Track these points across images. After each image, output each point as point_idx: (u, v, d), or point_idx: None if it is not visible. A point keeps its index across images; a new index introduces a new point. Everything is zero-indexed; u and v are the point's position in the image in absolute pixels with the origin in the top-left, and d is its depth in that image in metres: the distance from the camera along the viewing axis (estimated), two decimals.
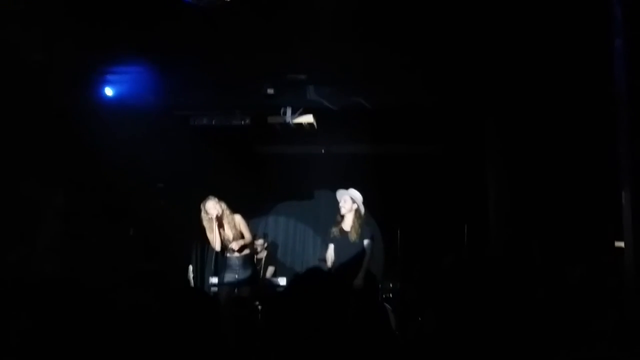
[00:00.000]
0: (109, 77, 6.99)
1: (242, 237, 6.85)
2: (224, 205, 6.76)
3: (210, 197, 6.75)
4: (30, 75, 6.12)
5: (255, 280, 7.02)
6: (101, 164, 6.93)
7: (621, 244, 2.37)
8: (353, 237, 6.46)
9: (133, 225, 7.72)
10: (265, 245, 8.54)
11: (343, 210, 6.56)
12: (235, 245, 6.71)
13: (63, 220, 6.88)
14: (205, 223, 6.75)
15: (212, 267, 6.93)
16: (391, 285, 7.45)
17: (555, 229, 6.30)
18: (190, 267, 8.52)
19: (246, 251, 6.82)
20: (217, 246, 6.70)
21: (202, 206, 6.74)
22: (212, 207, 6.69)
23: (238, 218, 6.84)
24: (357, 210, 6.58)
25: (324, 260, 6.63)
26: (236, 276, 6.69)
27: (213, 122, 7.56)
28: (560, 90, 5.83)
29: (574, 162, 5.73)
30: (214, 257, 6.96)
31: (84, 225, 6.96)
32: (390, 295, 7.39)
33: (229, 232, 6.75)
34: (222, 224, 6.72)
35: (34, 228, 6.66)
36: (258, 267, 7.89)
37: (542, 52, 5.64)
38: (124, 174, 7.14)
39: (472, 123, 7.53)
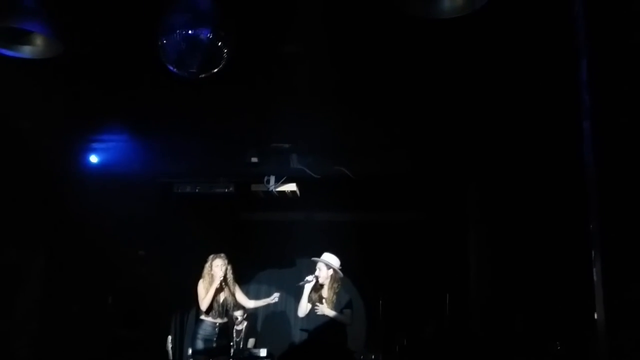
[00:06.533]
0: (94, 144, 7.04)
1: (238, 306, 6.85)
2: (230, 268, 6.69)
3: (221, 254, 6.69)
4: (16, 142, 6.16)
5: (230, 350, 6.91)
6: (83, 231, 6.91)
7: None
8: (330, 304, 6.42)
9: (112, 293, 7.63)
10: (245, 315, 8.42)
11: (321, 279, 6.53)
12: (239, 315, 6.68)
13: (42, 287, 6.81)
14: (205, 279, 6.63)
15: (192, 337, 6.81)
16: (373, 356, 7.33)
17: (537, 298, 6.31)
18: (169, 338, 8.38)
19: (224, 320, 6.74)
20: (204, 306, 6.55)
21: (208, 260, 6.67)
22: (219, 266, 6.59)
23: (237, 287, 6.81)
24: (334, 276, 6.54)
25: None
26: (213, 345, 6.58)
27: (197, 190, 7.58)
28: (536, 163, 5.98)
29: (553, 233, 5.81)
30: (194, 327, 6.85)
31: (64, 292, 6.89)
32: None
33: (223, 297, 6.66)
34: (221, 286, 6.62)
35: (13, 296, 6.58)
36: (238, 339, 7.78)
37: (518, 128, 5.82)
38: (105, 241, 7.11)
39: (453, 191, 7.63)
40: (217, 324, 6.66)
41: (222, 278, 6.55)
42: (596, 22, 2.48)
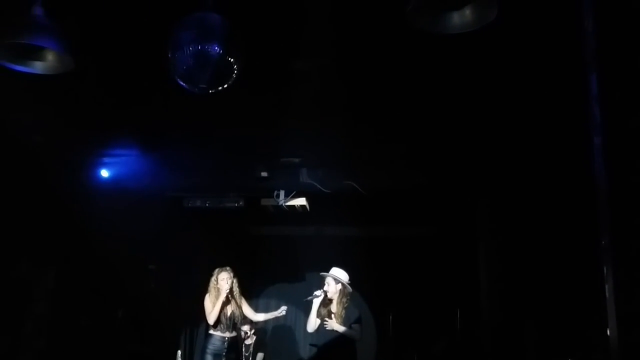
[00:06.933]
0: (105, 159, 7.08)
1: (246, 320, 6.85)
2: (236, 282, 6.70)
3: (226, 268, 6.70)
4: (27, 156, 6.21)
5: None
6: (94, 245, 6.93)
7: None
8: (339, 319, 6.37)
9: (122, 307, 7.64)
10: (254, 330, 8.36)
11: (330, 294, 6.50)
12: (248, 329, 6.68)
13: (52, 301, 6.82)
14: (212, 293, 6.64)
15: (201, 352, 6.80)
16: None
17: (548, 313, 6.26)
18: (179, 352, 8.36)
19: (233, 334, 6.73)
20: (212, 320, 6.57)
21: (214, 274, 6.68)
22: (224, 279, 6.61)
23: (244, 300, 6.81)
24: (342, 290, 6.50)
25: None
26: (222, 359, 6.57)
27: (207, 204, 7.60)
28: (547, 178, 5.95)
29: (564, 249, 5.77)
30: (203, 341, 6.84)
31: (74, 306, 6.90)
32: None
33: (230, 310, 6.66)
34: (228, 300, 6.62)
35: (23, 309, 6.60)
36: (247, 353, 7.74)
37: (529, 143, 5.80)
38: (116, 255, 7.13)
39: (463, 206, 7.60)
40: (226, 338, 6.65)
41: (228, 291, 6.55)
42: (606, 37, 2.48)
